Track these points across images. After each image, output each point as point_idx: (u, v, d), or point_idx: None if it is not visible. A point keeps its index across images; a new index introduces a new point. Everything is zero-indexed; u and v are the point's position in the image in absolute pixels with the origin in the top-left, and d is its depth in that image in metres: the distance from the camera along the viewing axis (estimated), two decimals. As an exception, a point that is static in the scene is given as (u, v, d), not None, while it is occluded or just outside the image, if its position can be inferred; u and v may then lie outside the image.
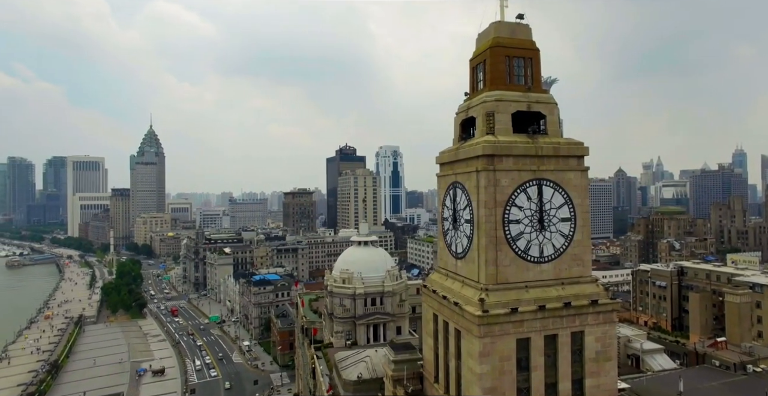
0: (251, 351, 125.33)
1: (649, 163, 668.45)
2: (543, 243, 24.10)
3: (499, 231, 23.31)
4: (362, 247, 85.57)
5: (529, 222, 23.85)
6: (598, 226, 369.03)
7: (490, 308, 22.26)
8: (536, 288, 23.75)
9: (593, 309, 23.77)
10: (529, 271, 23.89)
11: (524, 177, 23.93)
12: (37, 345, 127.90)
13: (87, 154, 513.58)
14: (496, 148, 23.56)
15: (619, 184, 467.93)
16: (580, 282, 24.56)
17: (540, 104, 25.22)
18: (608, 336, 24.09)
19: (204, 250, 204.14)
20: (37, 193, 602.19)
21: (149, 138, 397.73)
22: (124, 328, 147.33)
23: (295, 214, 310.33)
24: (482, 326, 21.94)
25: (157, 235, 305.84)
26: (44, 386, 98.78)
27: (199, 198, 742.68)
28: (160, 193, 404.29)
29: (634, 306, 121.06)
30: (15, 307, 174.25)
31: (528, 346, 22.90)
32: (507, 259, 23.44)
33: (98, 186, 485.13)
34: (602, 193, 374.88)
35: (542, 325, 23.08)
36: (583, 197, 24.92)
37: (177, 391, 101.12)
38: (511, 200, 23.59)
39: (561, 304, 23.25)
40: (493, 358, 22.05)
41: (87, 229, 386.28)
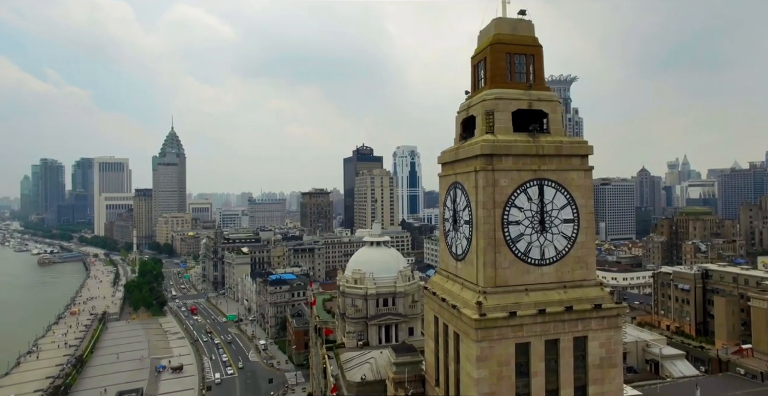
0: (267, 350, 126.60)
1: (674, 162, 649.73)
2: (544, 245, 23.39)
3: (498, 232, 22.72)
4: (374, 247, 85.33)
5: (529, 223, 23.19)
6: (619, 226, 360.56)
7: (488, 312, 21.71)
8: (537, 291, 23.06)
9: (597, 313, 22.95)
10: (529, 274, 23.22)
11: (524, 177, 23.27)
12: (64, 339, 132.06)
13: (112, 156, 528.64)
14: (495, 147, 22.97)
15: (642, 183, 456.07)
16: (584, 285, 23.75)
17: (542, 102, 24.51)
18: (613, 342, 23.23)
19: (222, 250, 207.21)
20: (66, 193, 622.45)
21: (170, 139, 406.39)
22: (145, 325, 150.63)
23: (312, 214, 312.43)
24: (479, 330, 21.41)
25: (178, 235, 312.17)
26: (70, 380, 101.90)
27: (219, 198, 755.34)
28: (181, 194, 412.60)
29: (656, 309, 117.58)
30: (45, 302, 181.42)
31: (528, 350, 22.25)
32: (506, 262, 22.83)
33: (123, 186, 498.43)
34: (624, 193, 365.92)
35: (543, 330, 22.39)
36: (587, 198, 24.10)
37: (194, 388, 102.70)
38: (511, 201, 22.97)
39: (562, 308, 22.51)
40: (491, 363, 21.50)
41: (112, 228, 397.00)
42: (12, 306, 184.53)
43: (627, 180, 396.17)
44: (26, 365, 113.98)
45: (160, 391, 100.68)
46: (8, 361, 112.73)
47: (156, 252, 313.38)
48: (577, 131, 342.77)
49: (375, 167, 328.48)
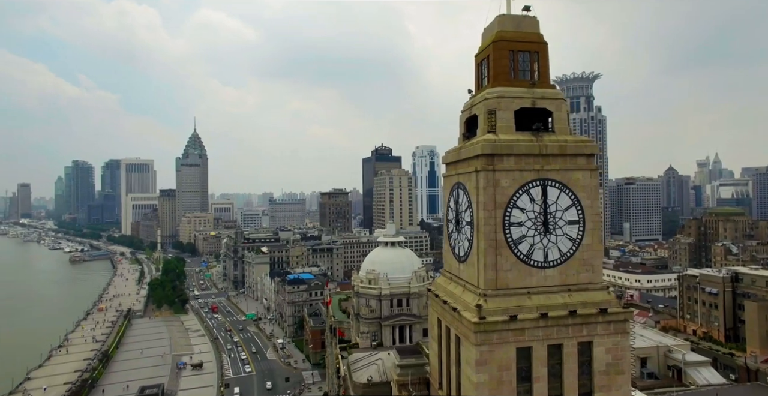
0: (285, 348, 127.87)
1: (704, 161, 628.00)
2: (548, 247, 22.76)
3: (500, 234, 22.21)
4: (389, 247, 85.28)
5: (532, 225, 22.59)
6: (645, 227, 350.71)
7: (488, 315, 21.24)
8: (539, 294, 22.44)
9: (603, 318, 22.19)
10: (532, 277, 22.62)
11: (527, 177, 22.68)
12: (92, 335, 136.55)
13: (138, 157, 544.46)
14: (496, 146, 22.46)
15: (669, 183, 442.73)
16: (589, 289, 23.00)
17: (546, 100, 23.86)
18: (620, 348, 22.41)
19: (242, 249, 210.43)
20: (96, 193, 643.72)
21: (193, 141, 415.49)
22: (167, 322, 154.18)
23: (331, 214, 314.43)
24: (479, 333, 20.97)
25: (200, 234, 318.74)
26: (96, 374, 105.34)
27: (241, 198, 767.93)
28: (204, 194, 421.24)
29: (681, 313, 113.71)
30: (76, 298, 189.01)
31: (530, 355, 21.67)
32: (508, 264, 22.31)
33: (148, 187, 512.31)
34: (650, 192, 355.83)
35: (545, 334, 21.77)
36: (593, 198, 23.34)
37: (213, 385, 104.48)
38: (513, 202, 22.42)
39: (566, 312, 21.84)
40: (490, 367, 21.02)
41: (138, 227, 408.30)
42: (46, 301, 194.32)
43: (653, 179, 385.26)
44: (57, 358, 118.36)
45: (181, 387, 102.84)
46: (41, 354, 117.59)
47: (179, 251, 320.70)
48: (599, 130, 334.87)
49: (394, 167, 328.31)
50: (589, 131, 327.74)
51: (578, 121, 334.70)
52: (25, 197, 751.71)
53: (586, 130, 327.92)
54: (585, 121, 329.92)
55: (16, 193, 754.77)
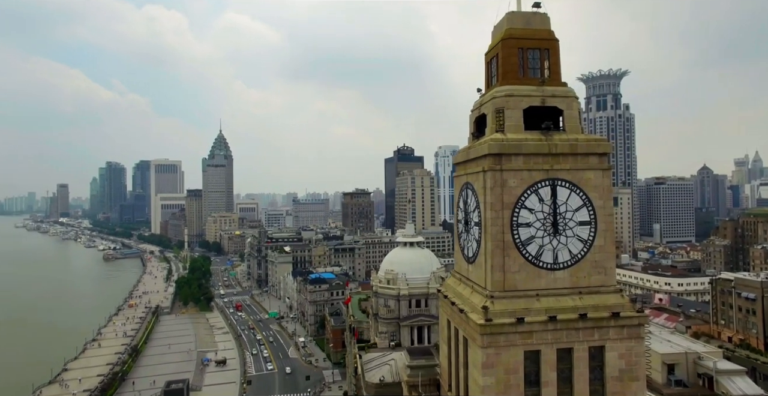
0: (306, 347, 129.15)
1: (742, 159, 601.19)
2: (557, 248, 22.21)
3: (507, 235, 21.83)
4: (408, 247, 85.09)
5: (541, 225, 22.09)
6: (676, 228, 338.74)
7: (495, 317, 20.89)
8: (549, 297, 21.92)
9: (615, 322, 21.50)
10: (541, 279, 22.13)
11: (535, 177, 22.20)
12: (122, 329, 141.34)
13: (166, 158, 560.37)
14: (504, 146, 22.08)
15: (703, 182, 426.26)
16: (601, 292, 22.33)
17: (556, 98, 23.31)
18: (635, 353, 21.67)
19: (266, 249, 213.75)
20: (128, 193, 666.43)
21: (219, 142, 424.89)
22: (193, 319, 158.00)
23: (353, 214, 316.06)
24: (485, 336, 20.65)
25: (225, 234, 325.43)
26: (126, 367, 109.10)
27: (266, 198, 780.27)
28: (229, 194, 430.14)
29: (715, 319, 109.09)
30: (108, 294, 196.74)
31: (538, 359, 21.21)
32: (516, 265, 21.89)
33: (176, 187, 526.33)
34: (682, 192, 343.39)
35: (554, 338, 21.26)
36: (606, 199, 22.65)
37: (236, 382, 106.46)
38: (521, 202, 21.99)
39: (576, 316, 21.27)
40: (497, 370, 20.68)
41: (166, 226, 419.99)
42: (83, 296, 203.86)
43: (685, 179, 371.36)
44: (90, 351, 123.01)
45: (205, 383, 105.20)
46: (77, 347, 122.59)
47: (205, 250, 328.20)
48: (627, 128, 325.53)
49: (416, 167, 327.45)
50: (617, 130, 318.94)
51: (605, 120, 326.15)
52: (63, 197, 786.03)
53: (613, 129, 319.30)
54: (612, 120, 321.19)
55: (56, 194, 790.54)
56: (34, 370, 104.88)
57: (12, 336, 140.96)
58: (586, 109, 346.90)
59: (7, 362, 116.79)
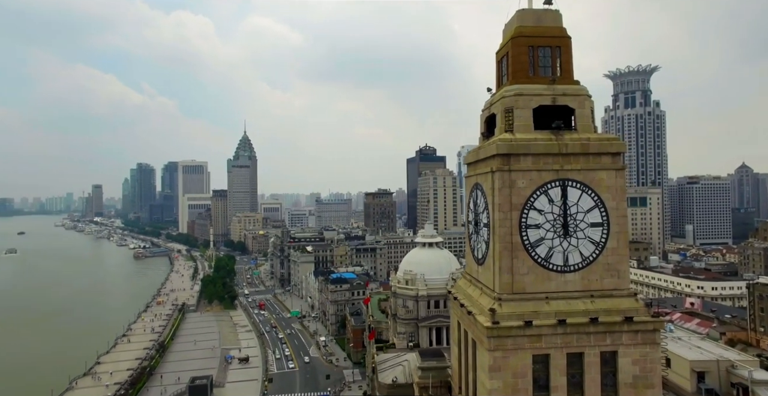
0: (327, 346, 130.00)
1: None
2: (568, 250, 21.70)
3: (516, 236, 21.47)
4: (426, 248, 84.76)
5: (551, 227, 21.63)
6: (711, 230, 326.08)
7: (502, 320, 20.58)
8: (558, 300, 21.44)
9: (628, 327, 20.85)
10: (550, 281, 21.66)
11: (545, 177, 21.75)
12: (151, 326, 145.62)
13: (193, 159, 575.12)
14: (512, 146, 21.72)
15: (741, 181, 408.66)
16: (614, 295, 21.69)
17: (567, 97, 22.77)
18: (649, 360, 20.96)
19: (288, 248, 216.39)
20: (157, 194, 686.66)
21: (243, 143, 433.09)
22: (217, 317, 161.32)
23: (375, 214, 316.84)
24: (492, 338, 20.37)
25: (249, 233, 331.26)
26: (153, 362, 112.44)
27: (289, 198, 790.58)
28: (253, 194, 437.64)
29: (752, 326, 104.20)
30: (138, 291, 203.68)
31: (547, 363, 20.78)
32: (524, 267, 21.50)
33: (202, 187, 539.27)
34: (717, 192, 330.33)
35: (564, 342, 20.78)
36: (619, 200, 21.98)
37: (258, 379, 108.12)
38: (530, 203, 21.59)
39: (587, 320, 20.74)
40: (505, 374, 20.36)
41: (193, 226, 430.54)
42: (115, 293, 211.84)
43: (721, 178, 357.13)
44: (121, 346, 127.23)
45: (228, 380, 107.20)
46: (108, 341, 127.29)
47: (230, 249, 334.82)
48: (657, 126, 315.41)
49: (438, 167, 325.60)
50: (646, 127, 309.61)
51: (633, 118, 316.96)
52: (97, 197, 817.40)
53: (642, 127, 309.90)
54: (641, 117, 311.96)
55: (91, 194, 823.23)
56: (70, 362, 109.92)
57: (52, 329, 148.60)
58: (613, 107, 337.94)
59: (46, 354, 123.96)
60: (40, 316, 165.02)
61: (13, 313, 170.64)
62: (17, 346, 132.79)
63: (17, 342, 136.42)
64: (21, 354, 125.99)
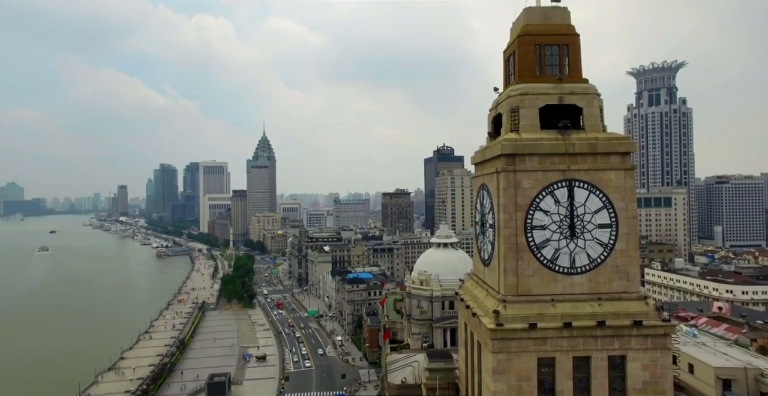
0: (343, 346, 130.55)
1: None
2: (575, 252, 21.28)
3: (521, 237, 21.16)
4: (441, 249, 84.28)
5: (557, 228, 21.25)
6: (742, 231, 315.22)
7: (506, 322, 20.32)
8: (565, 302, 21.04)
9: (637, 331, 20.32)
10: (557, 283, 21.28)
11: (551, 178, 21.37)
12: (172, 323, 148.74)
13: (214, 160, 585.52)
14: (517, 146, 21.42)
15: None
16: (623, 298, 21.17)
17: (575, 96, 22.33)
18: (660, 365, 20.38)
19: (306, 248, 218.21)
20: (179, 194, 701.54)
21: (262, 144, 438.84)
22: (236, 315, 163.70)
23: (393, 215, 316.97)
24: (496, 341, 20.13)
25: (268, 233, 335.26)
26: (174, 359, 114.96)
27: (308, 198, 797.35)
28: (272, 194, 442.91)
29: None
30: (160, 289, 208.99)
31: (553, 366, 20.42)
32: (530, 269, 21.18)
33: (223, 188, 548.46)
34: (749, 192, 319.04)
35: (570, 345, 20.38)
36: (628, 200, 21.45)
37: (275, 377, 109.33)
38: (535, 204, 21.26)
39: (593, 323, 20.29)
40: (509, 377, 20.10)
41: (214, 226, 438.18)
42: (138, 290, 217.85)
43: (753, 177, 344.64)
44: (143, 343, 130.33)
45: (245, 377, 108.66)
46: (131, 338, 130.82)
47: (250, 248, 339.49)
48: (684, 124, 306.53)
49: (455, 167, 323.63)
50: (671, 126, 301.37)
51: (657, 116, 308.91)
52: (123, 197, 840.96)
53: (667, 125, 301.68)
54: (666, 115, 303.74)
55: (116, 194, 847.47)
56: (96, 356, 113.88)
57: (79, 324, 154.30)
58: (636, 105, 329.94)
59: (74, 348, 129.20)
60: (68, 312, 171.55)
61: (44, 308, 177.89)
62: (47, 340, 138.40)
63: (47, 336, 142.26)
64: (51, 347, 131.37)
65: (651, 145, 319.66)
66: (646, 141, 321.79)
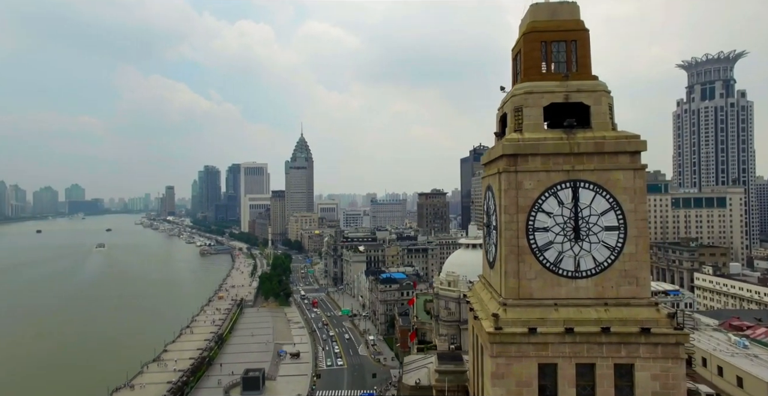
0: (375, 345, 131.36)
1: None
2: (580, 255, 20.52)
3: (522, 240, 20.64)
4: (470, 249, 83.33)
5: (560, 230, 20.56)
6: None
7: (506, 326, 19.89)
8: (568, 307, 20.33)
9: (645, 339, 19.33)
10: (560, 287, 20.60)
11: (554, 178, 20.71)
12: (212, 318, 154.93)
13: (254, 161, 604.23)
14: (519, 146, 20.91)
15: None
16: (632, 304, 20.20)
17: (582, 93, 21.52)
18: (672, 375, 19.31)
19: (341, 248, 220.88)
20: (222, 195, 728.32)
21: (300, 145, 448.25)
22: (272, 313, 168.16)
23: (428, 215, 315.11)
24: (495, 345, 19.75)
25: (305, 233, 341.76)
26: (212, 353, 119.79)
27: (346, 199, 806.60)
28: (309, 195, 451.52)
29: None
30: (202, 286, 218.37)
31: (555, 373, 19.79)
32: (532, 272, 20.62)
33: (263, 188, 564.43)
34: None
35: (573, 351, 19.67)
36: (638, 202, 20.44)
37: (308, 374, 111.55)
38: (538, 205, 20.67)
39: (597, 329, 19.50)
40: (508, 382, 19.67)
41: (254, 225, 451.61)
42: (182, 286, 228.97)
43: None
44: (185, 337, 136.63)
45: (279, 373, 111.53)
46: (174, 331, 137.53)
47: (288, 248, 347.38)
48: (743, 118, 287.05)
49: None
50: (727, 121, 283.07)
51: (711, 110, 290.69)
52: (170, 198, 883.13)
53: (722, 120, 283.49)
54: (721, 110, 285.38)
55: (164, 195, 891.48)
56: (142, 348, 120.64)
57: (128, 317, 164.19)
58: (687, 99, 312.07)
59: (123, 338, 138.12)
60: (119, 304, 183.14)
61: (99, 300, 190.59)
62: (101, 329, 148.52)
63: (101, 326, 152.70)
64: (103, 336, 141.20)
65: (704, 142, 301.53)
66: (698, 138, 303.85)
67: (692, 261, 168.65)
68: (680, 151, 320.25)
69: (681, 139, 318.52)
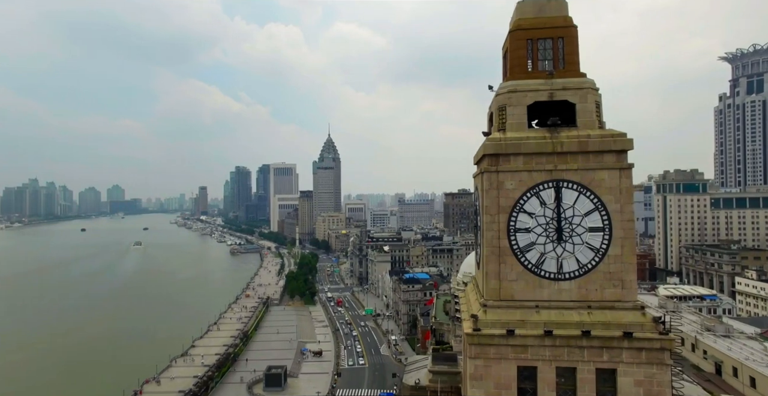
0: (398, 345, 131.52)
1: None
2: (563, 256, 20.07)
3: (503, 240, 20.38)
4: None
5: (542, 231, 20.18)
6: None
7: (485, 327, 19.70)
8: (551, 309, 19.92)
9: (628, 343, 18.73)
10: (542, 289, 20.20)
11: (537, 178, 20.33)
12: (238, 315, 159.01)
13: (283, 162, 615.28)
14: (500, 146, 20.65)
15: None
16: (616, 307, 19.60)
17: (567, 91, 21.02)
18: (656, 382, 18.63)
19: (366, 248, 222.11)
20: (252, 195, 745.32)
21: (327, 145, 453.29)
22: (297, 311, 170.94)
23: (455, 215, 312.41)
24: (473, 346, 19.60)
25: (333, 232, 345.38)
26: (237, 350, 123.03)
27: (375, 199, 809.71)
28: (337, 195, 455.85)
29: None
30: (231, 283, 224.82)
31: (535, 376, 19.46)
32: (513, 273, 20.33)
33: (291, 188, 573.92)
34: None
35: (553, 354, 19.27)
36: (624, 202, 19.80)
37: (329, 372, 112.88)
38: (519, 205, 20.36)
39: (578, 332, 19.04)
40: (486, 383, 19.48)
41: (283, 225, 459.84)
42: (211, 284, 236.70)
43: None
44: (212, 333, 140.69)
45: (301, 371, 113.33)
46: (201, 327, 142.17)
47: (315, 247, 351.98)
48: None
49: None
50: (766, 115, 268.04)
51: (759, 105, 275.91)
52: (203, 198, 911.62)
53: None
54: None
55: (198, 195, 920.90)
56: (172, 343, 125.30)
57: (159, 312, 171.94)
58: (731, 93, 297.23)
59: (154, 332, 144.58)
60: (152, 301, 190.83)
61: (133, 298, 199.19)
62: (134, 326, 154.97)
63: (135, 322, 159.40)
64: (136, 330, 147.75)
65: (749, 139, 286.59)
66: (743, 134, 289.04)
67: (733, 264, 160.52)
68: (722, 148, 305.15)
69: (723, 135, 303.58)
